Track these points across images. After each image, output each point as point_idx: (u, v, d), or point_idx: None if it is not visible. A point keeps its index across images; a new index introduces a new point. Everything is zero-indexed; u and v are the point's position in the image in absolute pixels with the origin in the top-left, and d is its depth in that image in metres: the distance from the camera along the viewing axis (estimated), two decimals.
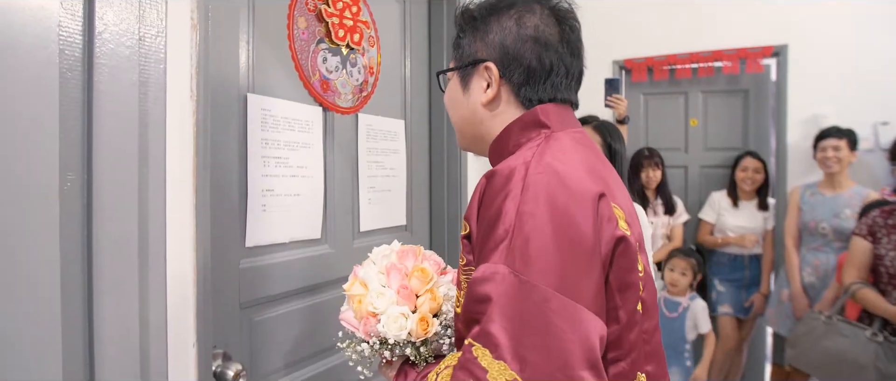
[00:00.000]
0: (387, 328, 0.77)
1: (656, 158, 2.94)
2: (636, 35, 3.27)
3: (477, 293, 0.61)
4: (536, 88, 0.75)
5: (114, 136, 0.66)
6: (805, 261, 2.61)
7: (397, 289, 0.80)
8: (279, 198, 1.23)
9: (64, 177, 0.59)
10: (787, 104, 2.99)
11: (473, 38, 0.78)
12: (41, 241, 0.58)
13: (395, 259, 0.84)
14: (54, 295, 0.58)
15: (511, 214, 0.61)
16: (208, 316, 0.93)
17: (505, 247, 0.60)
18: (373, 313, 0.79)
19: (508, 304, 0.58)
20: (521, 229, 0.60)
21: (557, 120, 0.75)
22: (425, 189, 1.79)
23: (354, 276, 0.87)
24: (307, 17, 1.31)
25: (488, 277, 0.60)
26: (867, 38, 2.81)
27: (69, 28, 0.60)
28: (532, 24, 0.74)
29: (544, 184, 0.62)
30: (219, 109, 1.07)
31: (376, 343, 0.81)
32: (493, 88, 0.75)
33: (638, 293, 0.68)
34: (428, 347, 0.80)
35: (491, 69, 0.75)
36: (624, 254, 0.65)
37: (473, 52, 0.77)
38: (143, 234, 0.71)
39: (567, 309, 0.58)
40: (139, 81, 0.69)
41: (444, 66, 1.76)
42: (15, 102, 0.56)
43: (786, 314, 2.66)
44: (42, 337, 0.58)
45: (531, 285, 0.58)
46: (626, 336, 0.67)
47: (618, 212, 0.67)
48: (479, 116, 0.78)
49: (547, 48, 0.74)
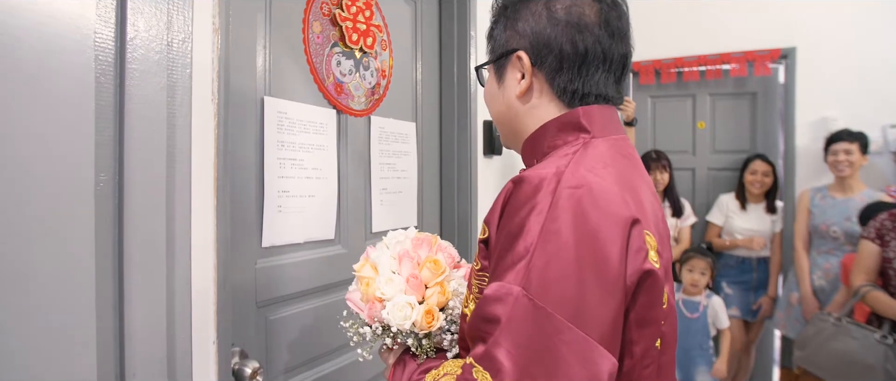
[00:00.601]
0: (391, 315, 0.75)
1: (664, 160, 2.95)
2: (644, 38, 3.28)
3: (486, 312, 0.57)
4: (571, 77, 0.68)
5: (144, 138, 0.68)
6: (815, 264, 2.61)
7: (407, 278, 0.78)
8: (294, 199, 1.25)
9: (98, 177, 0.61)
10: (795, 107, 2.99)
11: (505, 27, 0.73)
12: (78, 240, 0.60)
13: (409, 247, 0.81)
14: (89, 293, 0.61)
15: (534, 230, 0.57)
16: (227, 314, 0.95)
17: (523, 266, 0.56)
18: (379, 298, 0.77)
19: (518, 330, 0.54)
20: (543, 249, 0.56)
21: (600, 124, 0.69)
22: (436, 191, 1.81)
23: (366, 257, 0.84)
24: (322, 21, 1.33)
25: (501, 297, 0.56)
26: (875, 40, 2.81)
27: (103, 34, 0.63)
28: (564, 5, 0.68)
29: (575, 201, 0.57)
30: (237, 111, 1.10)
31: (379, 329, 0.79)
32: (526, 79, 0.70)
33: (658, 329, 0.64)
34: (430, 340, 0.78)
35: (522, 58, 0.70)
36: (650, 289, 0.61)
37: (505, 42, 0.73)
38: (170, 233, 0.73)
39: (580, 344, 0.54)
40: (167, 84, 0.71)
41: (458, 66, 1.78)
42: (57, 105, 0.58)
43: (795, 317, 2.66)
44: (78, 332, 0.60)
45: (545, 312, 0.54)
46: (639, 373, 0.63)
47: (650, 241, 0.62)
48: (515, 110, 0.74)
49: (580, 30, 0.67)
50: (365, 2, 1.44)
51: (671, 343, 0.68)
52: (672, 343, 0.69)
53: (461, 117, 1.78)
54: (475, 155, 1.81)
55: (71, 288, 0.60)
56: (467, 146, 1.78)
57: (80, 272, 0.60)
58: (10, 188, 0.56)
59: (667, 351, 0.67)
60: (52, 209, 0.58)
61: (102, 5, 0.62)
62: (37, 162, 0.57)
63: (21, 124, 0.56)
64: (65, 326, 0.59)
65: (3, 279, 0.55)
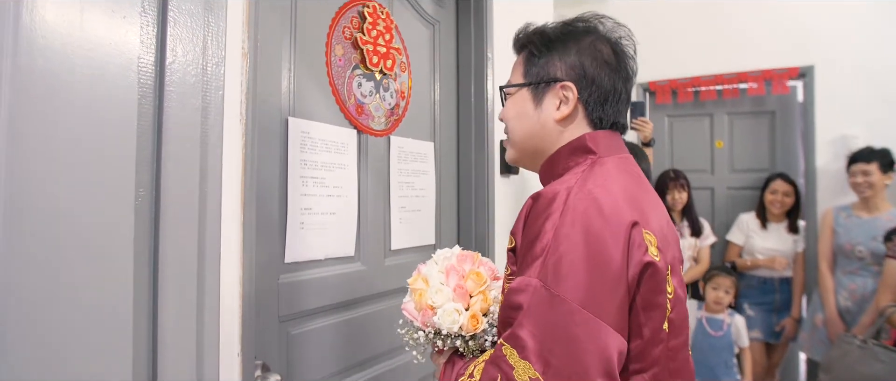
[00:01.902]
0: (442, 320, 0.87)
1: (682, 179, 2.94)
2: (660, 57, 3.30)
3: (512, 301, 0.68)
4: (606, 108, 0.84)
5: (179, 156, 0.72)
6: (840, 285, 2.55)
7: (454, 288, 0.90)
8: (316, 216, 1.28)
9: (137, 193, 0.65)
10: (814, 125, 2.97)
11: (549, 57, 0.85)
12: (117, 255, 0.64)
13: (454, 262, 0.94)
14: (127, 306, 0.64)
15: (549, 234, 0.68)
16: (252, 328, 0.98)
17: (540, 263, 0.67)
18: (431, 306, 0.89)
19: (538, 313, 0.65)
20: (556, 248, 0.67)
21: (604, 146, 0.83)
22: (453, 209, 1.83)
23: (418, 272, 0.97)
24: (344, 44, 1.38)
25: (523, 288, 0.68)
26: (894, 56, 2.79)
27: (145, 59, 0.67)
28: (606, 52, 0.84)
29: (582, 210, 0.69)
30: (262, 131, 1.14)
31: (431, 333, 0.91)
32: (568, 106, 0.83)
33: (664, 313, 0.73)
34: (476, 341, 0.90)
35: (570, 88, 0.82)
36: (651, 277, 0.71)
37: (551, 72, 0.84)
38: (202, 249, 0.76)
39: (589, 323, 0.64)
40: (202, 105, 0.75)
41: (475, 86, 1.82)
42: (103, 124, 0.62)
43: (820, 340, 2.60)
44: (115, 340, 0.63)
45: (560, 298, 0.65)
46: (649, 351, 0.72)
47: (649, 238, 0.72)
48: (548, 130, 0.85)
49: (614, 71, 0.84)
50: (385, 25, 1.49)
51: (681, 328, 0.79)
52: (682, 329, 0.79)
53: (478, 137, 1.81)
54: (492, 174, 1.83)
55: (109, 301, 0.63)
56: (485, 165, 1.80)
57: (119, 288, 0.63)
58: (60, 201, 0.60)
59: (677, 335, 0.77)
60: (93, 224, 0.62)
61: (145, 32, 0.67)
62: (85, 177, 0.61)
63: (72, 140, 0.60)
64: (98, 336, 0.62)
65: (50, 292, 0.59)
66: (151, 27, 0.69)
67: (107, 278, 0.63)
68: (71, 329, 0.60)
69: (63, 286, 0.59)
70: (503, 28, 1.89)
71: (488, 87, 1.81)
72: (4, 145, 0.54)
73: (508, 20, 1.93)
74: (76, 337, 0.60)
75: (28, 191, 0.56)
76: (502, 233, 1.87)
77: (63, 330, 0.59)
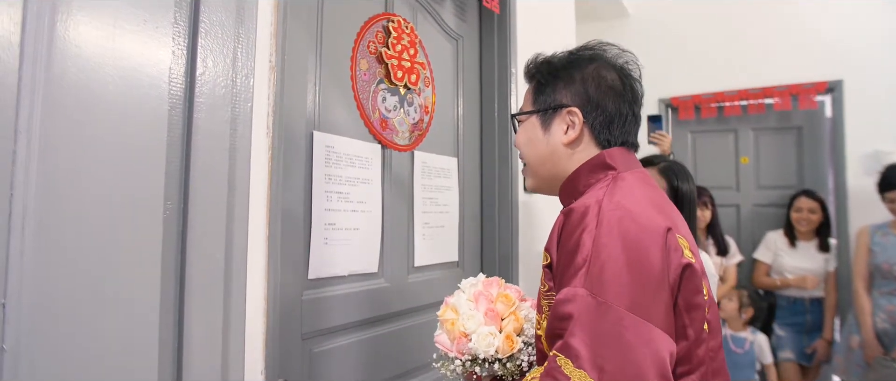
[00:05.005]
0: (477, 345, 0.88)
1: (705, 196, 2.86)
2: (682, 73, 3.26)
3: (560, 312, 0.69)
4: (612, 130, 0.87)
5: (207, 168, 0.71)
6: (877, 306, 2.45)
7: (485, 312, 0.92)
8: (340, 232, 1.26)
9: (166, 205, 0.63)
10: (844, 141, 2.89)
11: (555, 86, 0.89)
12: (145, 270, 0.62)
13: (481, 287, 0.97)
14: (153, 321, 0.62)
15: (588, 245, 0.70)
16: (275, 344, 0.95)
17: (583, 273, 0.68)
18: (464, 333, 0.90)
19: (588, 321, 0.66)
20: (597, 257, 0.68)
21: (622, 162, 0.85)
22: (477, 226, 1.80)
23: (446, 304, 0.98)
24: (368, 59, 1.38)
25: (570, 298, 0.69)
26: None
27: (175, 70, 0.66)
28: (611, 78, 0.87)
29: (617, 219, 0.71)
30: (287, 145, 1.13)
31: (468, 360, 0.91)
32: (575, 130, 0.86)
33: (704, 314, 0.75)
34: (513, 362, 0.90)
35: (575, 113, 0.86)
36: (690, 278, 0.73)
37: (557, 99, 0.88)
38: (228, 264, 0.75)
39: (639, 327, 0.65)
40: (231, 117, 0.74)
41: (498, 102, 1.80)
42: (134, 135, 0.61)
43: (856, 362, 2.49)
44: (141, 358, 0.61)
45: (607, 305, 0.66)
46: (694, 352, 0.74)
47: (683, 242, 0.75)
48: (559, 154, 0.89)
49: (618, 95, 0.87)
50: (410, 40, 1.48)
51: (716, 329, 0.81)
52: (716, 330, 0.81)
53: (502, 152, 1.79)
54: (516, 190, 1.80)
55: (137, 315, 0.61)
56: (509, 181, 1.78)
57: (146, 302, 0.62)
58: (90, 213, 0.58)
59: (714, 336, 0.79)
60: (124, 238, 0.60)
61: (177, 43, 0.66)
62: (115, 189, 0.60)
63: (103, 151, 0.59)
64: (126, 345, 0.60)
65: (79, 301, 0.57)
66: (183, 38, 0.68)
67: (134, 293, 0.61)
68: (96, 342, 0.58)
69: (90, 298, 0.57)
70: (526, 43, 1.88)
71: (512, 102, 1.79)
72: (36, 155, 0.53)
73: (531, 36, 1.91)
74: (101, 353, 0.59)
75: (57, 202, 0.55)
76: (526, 251, 1.84)
77: (89, 343, 0.57)
